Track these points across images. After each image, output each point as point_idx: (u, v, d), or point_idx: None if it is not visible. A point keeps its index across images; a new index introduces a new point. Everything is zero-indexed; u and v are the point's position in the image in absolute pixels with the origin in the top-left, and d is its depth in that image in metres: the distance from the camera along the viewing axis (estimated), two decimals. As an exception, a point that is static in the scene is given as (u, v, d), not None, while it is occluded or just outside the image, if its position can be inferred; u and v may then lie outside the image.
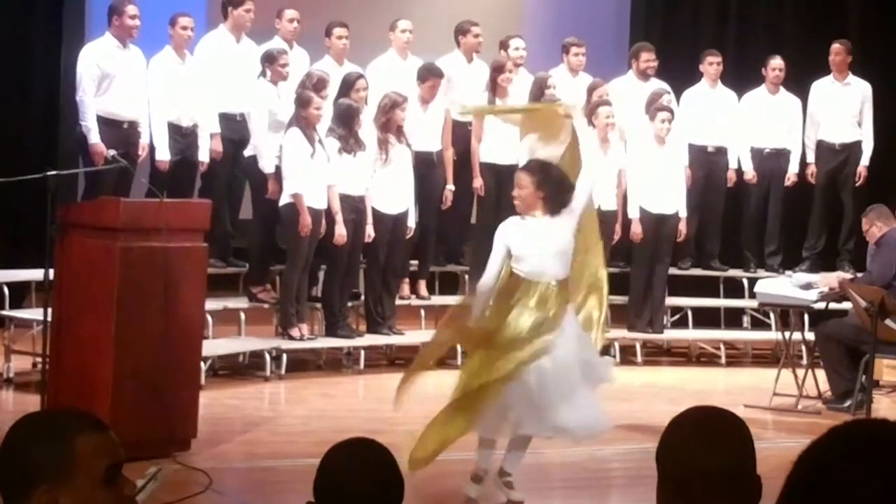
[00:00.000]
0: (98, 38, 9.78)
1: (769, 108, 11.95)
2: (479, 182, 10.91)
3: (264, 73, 10.03)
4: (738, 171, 11.95)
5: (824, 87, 12.04)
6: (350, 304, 10.45)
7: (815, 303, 9.49)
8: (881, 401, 9.66)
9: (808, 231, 12.18)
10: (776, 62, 11.96)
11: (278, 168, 9.86)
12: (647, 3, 13.25)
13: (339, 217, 9.91)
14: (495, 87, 10.89)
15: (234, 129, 10.19)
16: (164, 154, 9.85)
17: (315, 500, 2.67)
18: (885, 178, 11.83)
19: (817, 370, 9.47)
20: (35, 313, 8.67)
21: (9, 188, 8.06)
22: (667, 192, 11.10)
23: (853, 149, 11.99)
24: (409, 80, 10.64)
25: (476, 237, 10.76)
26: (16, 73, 10.84)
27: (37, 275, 8.22)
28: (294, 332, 9.93)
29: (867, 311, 8.85)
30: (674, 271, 11.61)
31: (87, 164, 9.39)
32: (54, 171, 7.30)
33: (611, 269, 7.86)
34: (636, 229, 11.01)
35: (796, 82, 12.07)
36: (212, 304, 9.13)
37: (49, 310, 7.02)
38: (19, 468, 2.33)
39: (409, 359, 8.93)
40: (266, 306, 10.27)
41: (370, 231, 10.19)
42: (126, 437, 2.44)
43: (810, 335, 9.82)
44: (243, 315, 10.10)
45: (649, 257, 11.17)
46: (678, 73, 12.06)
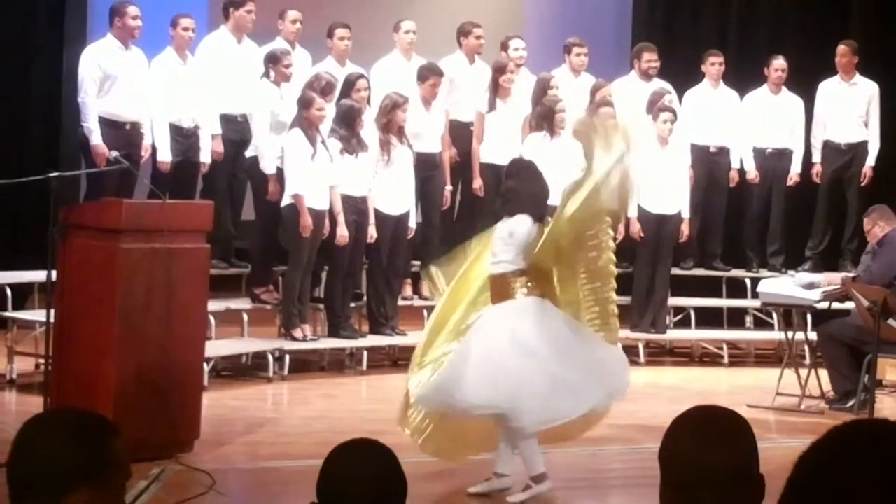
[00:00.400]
0: (100, 40, 9.78)
1: (771, 108, 11.95)
2: (479, 182, 10.92)
3: (268, 74, 10.04)
4: (741, 171, 11.95)
5: (831, 87, 12.04)
6: (352, 304, 10.46)
7: (817, 303, 9.49)
8: (884, 400, 9.64)
9: (812, 231, 12.17)
10: (778, 62, 11.96)
11: (279, 169, 9.87)
12: (649, 3, 13.23)
13: (341, 218, 9.91)
14: (497, 87, 10.90)
15: (236, 129, 10.20)
16: (166, 155, 9.85)
17: (318, 500, 2.66)
18: (889, 179, 11.81)
19: (820, 370, 9.46)
20: (37, 315, 8.69)
21: (11, 189, 8.08)
22: (669, 193, 11.10)
23: (859, 149, 11.99)
24: (413, 81, 10.64)
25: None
26: (18, 75, 10.84)
27: (39, 276, 8.23)
28: (297, 332, 9.93)
29: (870, 311, 8.86)
30: (676, 271, 11.60)
31: (90, 165, 9.40)
32: (56, 173, 7.29)
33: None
34: (635, 228, 11.02)
35: (798, 82, 12.06)
36: (214, 305, 9.13)
37: (51, 311, 7.01)
38: (49, 469, 2.27)
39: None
40: (269, 307, 10.28)
41: (372, 232, 10.20)
42: (129, 438, 2.42)
43: (813, 335, 9.81)
44: (246, 316, 10.10)
45: (652, 257, 11.17)
46: (680, 73, 12.06)
